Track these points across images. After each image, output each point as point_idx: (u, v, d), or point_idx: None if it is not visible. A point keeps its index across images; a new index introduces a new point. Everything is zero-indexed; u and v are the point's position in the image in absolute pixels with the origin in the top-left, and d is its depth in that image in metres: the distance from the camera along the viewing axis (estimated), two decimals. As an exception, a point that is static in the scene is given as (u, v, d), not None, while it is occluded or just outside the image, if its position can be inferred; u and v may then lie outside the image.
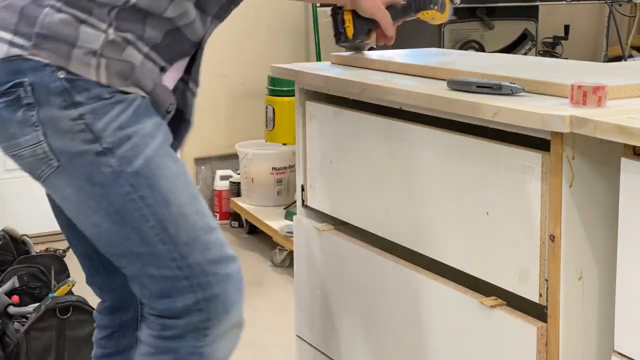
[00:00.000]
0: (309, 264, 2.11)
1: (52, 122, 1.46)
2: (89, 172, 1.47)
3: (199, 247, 1.51)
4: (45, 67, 1.45)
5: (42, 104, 1.46)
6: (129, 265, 1.54)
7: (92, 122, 1.46)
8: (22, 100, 1.46)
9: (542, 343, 1.48)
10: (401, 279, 1.80)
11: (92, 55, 1.46)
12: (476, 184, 1.59)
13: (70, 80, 1.46)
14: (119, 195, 1.48)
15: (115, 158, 1.47)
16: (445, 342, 1.70)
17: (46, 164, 1.48)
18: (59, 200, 1.55)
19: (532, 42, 3.58)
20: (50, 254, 2.88)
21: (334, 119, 1.96)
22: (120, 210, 1.48)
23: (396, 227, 1.82)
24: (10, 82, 1.46)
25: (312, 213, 2.11)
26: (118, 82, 1.48)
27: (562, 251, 1.44)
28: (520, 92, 1.55)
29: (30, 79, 1.45)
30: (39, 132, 1.47)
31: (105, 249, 1.56)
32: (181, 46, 1.57)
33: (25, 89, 1.46)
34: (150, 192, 1.48)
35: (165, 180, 1.49)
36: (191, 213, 1.52)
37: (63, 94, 1.46)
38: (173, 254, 1.50)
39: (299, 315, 2.19)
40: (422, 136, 1.71)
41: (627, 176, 1.34)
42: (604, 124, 1.31)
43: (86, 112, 1.46)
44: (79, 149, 1.47)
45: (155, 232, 1.49)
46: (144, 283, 1.54)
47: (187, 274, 1.51)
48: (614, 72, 1.88)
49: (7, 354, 2.51)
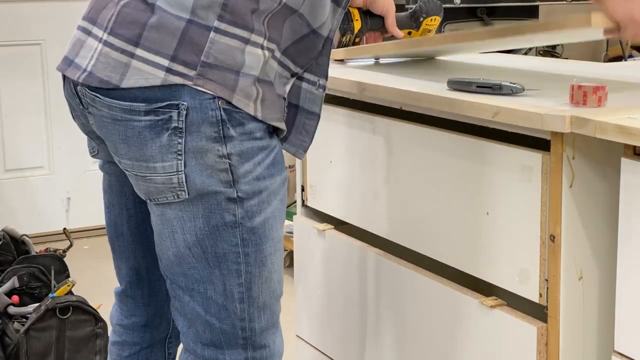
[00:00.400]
0: (309, 264, 2.11)
1: (198, 154, 1.38)
2: (211, 212, 1.42)
3: (268, 313, 1.50)
4: (206, 93, 1.37)
5: (191, 131, 1.37)
6: (190, 302, 1.49)
7: (236, 165, 1.40)
8: (171, 123, 1.37)
9: (542, 343, 1.48)
10: (401, 279, 1.80)
11: (254, 84, 1.39)
12: (476, 184, 1.59)
13: (228, 112, 1.38)
14: (226, 243, 1.43)
15: (242, 209, 1.42)
16: (445, 342, 1.70)
17: (174, 193, 1.41)
18: (156, 220, 1.48)
19: (532, 42, 3.58)
20: (50, 254, 2.87)
21: (334, 119, 1.96)
22: (220, 256, 1.44)
23: (396, 227, 1.82)
24: (165, 102, 1.36)
25: (312, 213, 2.11)
26: (269, 115, 1.42)
27: (562, 251, 1.44)
28: (521, 92, 1.55)
29: (188, 102, 1.36)
30: (180, 161, 1.39)
31: (173, 277, 1.50)
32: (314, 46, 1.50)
33: (180, 112, 1.36)
34: (255, 252, 1.45)
35: (270, 243, 1.47)
36: (275, 280, 1.50)
37: (217, 125, 1.37)
38: (244, 314, 1.48)
39: (299, 315, 2.19)
40: (422, 136, 1.71)
41: (627, 176, 1.34)
42: (604, 124, 1.31)
43: (234, 152, 1.39)
44: (214, 188, 1.40)
45: (239, 290, 1.46)
46: (196, 326, 1.50)
47: (247, 335, 1.49)
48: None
49: (7, 354, 2.51)
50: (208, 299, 1.47)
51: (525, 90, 1.56)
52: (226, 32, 1.38)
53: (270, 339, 1.52)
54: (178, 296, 1.50)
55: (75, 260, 3.44)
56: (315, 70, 1.53)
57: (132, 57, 1.38)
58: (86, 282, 3.18)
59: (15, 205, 4.01)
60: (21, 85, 4.00)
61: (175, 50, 1.37)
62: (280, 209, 1.49)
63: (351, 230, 2.00)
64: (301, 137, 1.56)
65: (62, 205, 4.11)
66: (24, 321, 2.58)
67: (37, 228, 3.94)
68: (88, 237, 4.08)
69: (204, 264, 1.45)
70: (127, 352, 1.74)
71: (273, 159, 1.45)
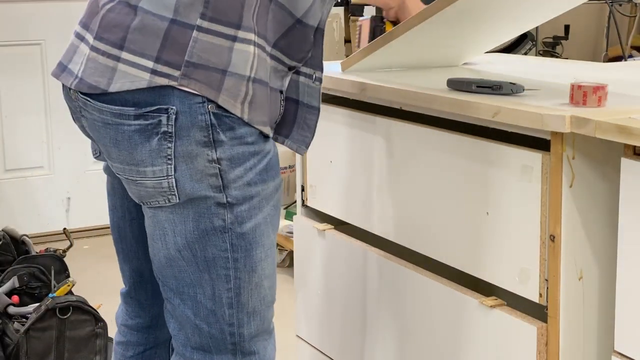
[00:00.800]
0: (309, 264, 2.11)
1: (187, 158, 1.38)
2: (200, 216, 1.42)
3: (257, 319, 1.50)
4: (196, 97, 1.36)
5: (181, 136, 1.37)
6: (180, 305, 1.49)
7: (226, 170, 1.40)
8: (160, 128, 1.37)
9: (542, 343, 1.48)
10: (401, 278, 1.80)
11: (243, 84, 1.38)
12: (476, 184, 1.59)
13: (218, 116, 1.37)
14: (215, 248, 1.43)
15: (232, 214, 1.42)
16: (445, 341, 1.70)
17: (164, 197, 1.42)
18: (148, 222, 1.48)
19: (532, 42, 3.58)
20: (50, 254, 2.87)
21: (334, 119, 1.96)
22: (209, 261, 1.44)
23: (396, 227, 1.82)
24: (155, 106, 1.36)
25: (312, 213, 2.11)
26: (256, 118, 1.41)
27: (562, 251, 1.44)
28: (521, 92, 1.55)
29: (177, 107, 1.36)
30: (170, 166, 1.39)
31: (164, 279, 1.50)
32: (304, 38, 1.48)
33: (169, 116, 1.36)
34: (244, 258, 1.45)
35: (261, 249, 1.47)
36: (266, 287, 1.50)
37: (207, 129, 1.37)
38: (233, 319, 1.48)
39: (299, 315, 2.19)
40: (422, 136, 1.71)
41: (627, 176, 1.34)
42: (604, 124, 1.31)
43: (224, 157, 1.39)
44: (204, 193, 1.40)
45: (228, 295, 1.46)
46: (185, 329, 1.50)
47: (236, 341, 1.49)
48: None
49: (7, 354, 2.51)
50: (197, 302, 1.47)
51: (525, 90, 1.56)
52: (209, 30, 1.36)
53: (261, 345, 1.52)
54: (169, 298, 1.51)
55: (75, 260, 3.44)
56: (310, 63, 1.52)
57: (118, 60, 1.38)
58: (86, 282, 3.18)
59: (15, 205, 4.01)
60: (21, 85, 4.00)
61: (159, 51, 1.36)
62: (273, 214, 1.48)
63: (351, 230, 2.00)
64: (303, 132, 1.55)
65: (62, 205, 4.11)
66: (24, 321, 2.58)
67: (37, 228, 3.94)
68: (88, 237, 4.08)
69: (194, 268, 1.45)
70: (131, 352, 1.75)
71: (266, 164, 1.44)
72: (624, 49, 3.88)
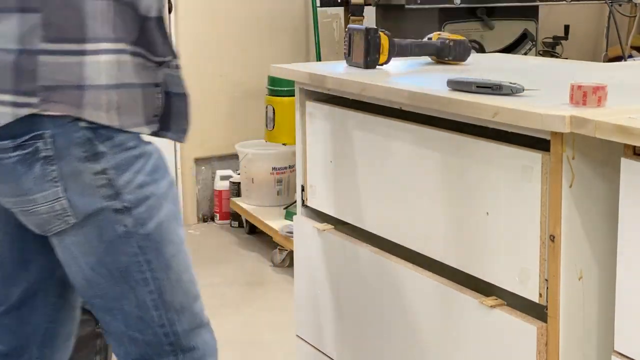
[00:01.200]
0: (309, 264, 2.11)
1: (73, 177, 1.39)
2: (102, 228, 1.43)
3: (187, 314, 1.52)
4: (64, 117, 1.37)
5: (62, 156, 1.38)
6: (112, 322, 1.51)
7: (115, 178, 1.41)
8: (39, 153, 1.38)
9: (542, 343, 1.48)
10: (401, 278, 1.80)
11: (104, 93, 1.39)
12: (476, 184, 1.59)
13: (92, 130, 1.39)
14: (125, 255, 1.45)
15: (132, 218, 1.43)
16: (445, 342, 1.70)
17: (62, 220, 1.42)
18: (58, 251, 1.48)
19: (532, 42, 3.58)
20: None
21: (334, 119, 1.96)
22: (123, 270, 1.45)
23: (396, 227, 1.82)
24: (28, 135, 1.37)
25: (312, 213, 2.11)
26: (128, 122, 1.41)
27: (562, 251, 1.44)
28: (520, 92, 1.55)
29: (51, 130, 1.37)
30: (58, 188, 1.40)
31: (90, 300, 1.52)
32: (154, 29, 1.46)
33: (45, 140, 1.37)
34: (156, 257, 1.46)
35: (171, 245, 1.48)
36: (186, 280, 1.52)
37: (85, 144, 1.39)
38: (162, 320, 1.50)
39: (299, 315, 2.19)
40: (422, 136, 1.71)
41: (627, 176, 1.34)
42: (604, 124, 1.31)
43: (109, 166, 1.40)
44: (99, 205, 1.41)
45: (151, 297, 1.48)
46: (124, 343, 1.53)
47: (172, 341, 1.51)
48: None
49: (7, 354, 2.50)
50: (125, 313, 1.49)
51: (525, 90, 1.56)
52: (54, 51, 1.37)
53: (199, 340, 1.53)
54: (101, 318, 1.53)
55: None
56: (163, 52, 1.50)
57: None
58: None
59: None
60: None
61: (15, 84, 1.37)
62: (174, 210, 1.50)
63: (351, 230, 2.00)
64: (178, 121, 1.55)
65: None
66: (24, 321, 2.58)
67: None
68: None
69: (112, 281, 1.46)
70: None
71: (153, 164, 1.46)
72: (623, 49, 3.88)
